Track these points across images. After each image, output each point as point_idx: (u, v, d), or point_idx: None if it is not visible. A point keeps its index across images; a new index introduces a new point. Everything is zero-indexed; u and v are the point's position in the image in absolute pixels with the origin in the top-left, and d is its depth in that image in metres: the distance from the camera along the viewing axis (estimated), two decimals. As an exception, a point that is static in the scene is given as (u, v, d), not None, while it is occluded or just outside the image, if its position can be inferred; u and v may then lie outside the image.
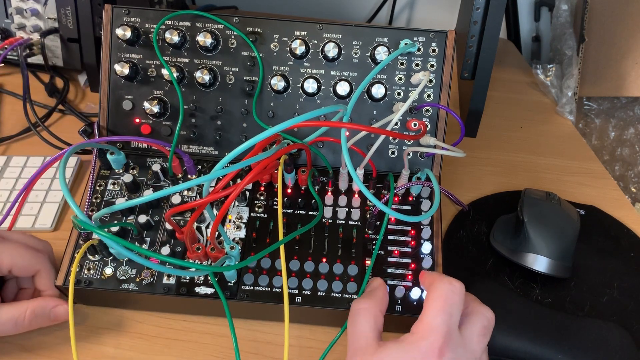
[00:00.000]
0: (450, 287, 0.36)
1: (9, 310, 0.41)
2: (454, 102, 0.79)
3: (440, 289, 0.36)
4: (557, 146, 0.73)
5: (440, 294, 0.36)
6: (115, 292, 0.45)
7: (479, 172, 0.67)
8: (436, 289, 0.36)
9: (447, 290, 0.36)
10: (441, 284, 0.36)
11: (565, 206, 0.55)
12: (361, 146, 0.51)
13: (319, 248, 0.47)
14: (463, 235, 0.57)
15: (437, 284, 0.36)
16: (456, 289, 0.36)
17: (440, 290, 0.36)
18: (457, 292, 0.36)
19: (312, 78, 0.51)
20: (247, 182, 0.39)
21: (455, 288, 0.36)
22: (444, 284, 0.36)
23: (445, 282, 0.36)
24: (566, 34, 0.87)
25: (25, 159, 0.61)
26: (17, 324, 0.41)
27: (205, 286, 0.45)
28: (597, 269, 0.54)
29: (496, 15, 0.63)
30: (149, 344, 0.46)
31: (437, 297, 0.36)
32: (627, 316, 0.50)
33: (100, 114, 0.52)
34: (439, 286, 0.36)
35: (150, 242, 0.47)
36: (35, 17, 0.69)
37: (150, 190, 0.50)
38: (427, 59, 0.52)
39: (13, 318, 0.41)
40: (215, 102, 0.52)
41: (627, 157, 0.86)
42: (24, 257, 0.43)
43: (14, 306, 0.42)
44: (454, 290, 0.36)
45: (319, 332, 0.47)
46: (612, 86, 0.83)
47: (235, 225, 0.48)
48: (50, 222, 0.55)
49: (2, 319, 0.41)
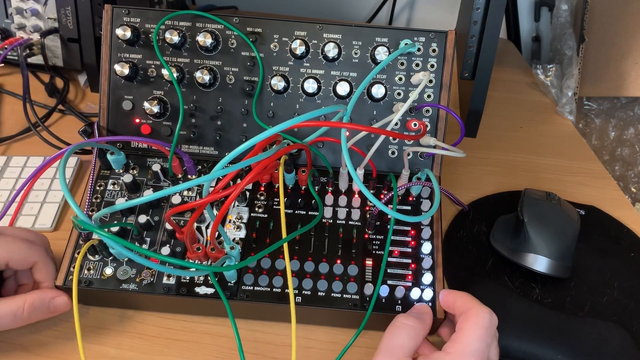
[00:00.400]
0: (491, 319, 0.38)
1: (7, 303, 0.41)
2: (454, 102, 0.79)
3: (482, 317, 0.38)
4: (557, 146, 0.73)
5: (482, 323, 0.37)
6: (115, 292, 0.45)
7: (479, 172, 0.67)
8: (478, 316, 0.38)
9: (488, 320, 0.38)
10: (484, 313, 0.38)
11: (565, 206, 0.55)
12: (361, 146, 0.51)
13: (319, 248, 0.47)
14: (463, 235, 0.57)
15: (478, 311, 0.38)
16: (494, 322, 0.38)
17: (482, 319, 0.38)
18: (494, 325, 0.38)
19: (312, 78, 0.51)
20: (247, 182, 0.39)
21: (493, 322, 0.38)
22: (486, 314, 0.38)
23: (487, 313, 0.38)
24: (566, 34, 0.87)
25: (25, 159, 0.61)
26: (16, 317, 0.41)
27: (205, 286, 0.45)
28: (597, 269, 0.54)
29: (496, 15, 0.63)
30: (149, 344, 0.46)
31: (479, 324, 0.37)
32: (627, 316, 0.50)
33: (100, 114, 0.52)
34: (482, 315, 0.38)
35: (150, 242, 0.47)
36: (35, 17, 0.69)
37: (150, 191, 0.50)
38: (427, 59, 0.52)
39: (12, 312, 0.41)
40: (215, 102, 0.52)
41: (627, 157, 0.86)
42: (21, 250, 0.42)
43: (12, 300, 0.41)
44: (493, 323, 0.38)
45: (319, 332, 0.47)
46: (612, 86, 0.83)
47: (235, 226, 0.48)
48: (50, 222, 0.55)
49: (1, 313, 0.41)
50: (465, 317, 0.38)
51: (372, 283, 0.45)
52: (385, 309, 0.44)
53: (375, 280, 0.45)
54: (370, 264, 0.46)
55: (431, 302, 0.45)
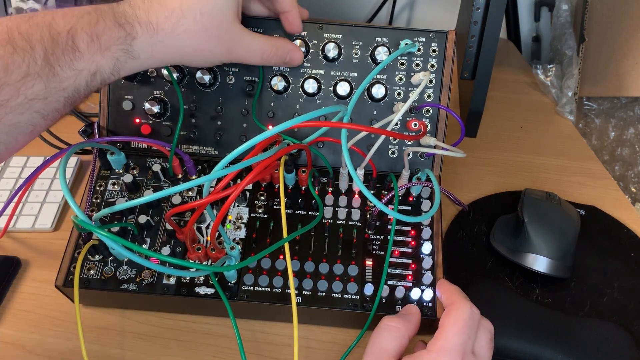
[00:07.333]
0: (471, 312, 0.38)
1: (260, 42, 0.45)
2: (454, 102, 0.79)
3: (462, 312, 0.38)
4: (557, 146, 0.73)
5: (461, 317, 0.37)
6: (115, 292, 0.45)
7: (479, 172, 0.67)
8: (457, 310, 0.38)
9: (468, 314, 0.38)
10: (464, 307, 0.38)
11: (565, 206, 0.55)
12: (361, 146, 0.51)
13: (319, 248, 0.47)
14: (463, 235, 0.57)
15: (458, 305, 0.38)
16: (475, 314, 0.38)
17: (462, 314, 0.37)
18: (476, 317, 0.38)
19: (312, 78, 0.51)
20: (248, 182, 0.39)
21: (475, 314, 0.38)
22: (466, 307, 0.38)
23: (467, 306, 0.38)
24: (566, 34, 0.87)
25: (25, 159, 0.61)
26: (263, 58, 0.46)
27: (205, 286, 0.45)
28: (597, 269, 0.54)
29: (496, 15, 0.63)
30: (149, 344, 0.46)
31: (458, 318, 0.37)
32: (627, 316, 0.50)
33: (100, 114, 0.52)
34: (461, 309, 0.38)
35: (150, 243, 0.47)
36: (35, 17, 0.69)
37: (150, 191, 0.50)
38: (428, 59, 0.52)
39: (262, 50, 0.45)
40: (215, 102, 0.52)
41: (627, 157, 0.86)
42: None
43: (266, 40, 0.46)
44: (474, 316, 0.38)
45: (319, 332, 0.47)
46: (612, 86, 0.83)
47: (236, 226, 0.48)
48: (50, 222, 0.55)
49: (253, 48, 0.45)
50: (446, 312, 0.39)
51: (372, 283, 0.45)
52: (385, 309, 0.44)
53: (375, 281, 0.45)
54: (371, 264, 0.46)
55: (431, 302, 0.45)
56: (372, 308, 0.44)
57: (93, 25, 0.36)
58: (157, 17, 0.39)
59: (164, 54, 0.40)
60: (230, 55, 0.44)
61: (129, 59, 0.39)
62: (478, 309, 0.39)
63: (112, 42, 0.37)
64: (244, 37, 0.44)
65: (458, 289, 0.42)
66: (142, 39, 0.38)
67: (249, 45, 0.44)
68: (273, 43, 0.46)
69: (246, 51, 0.44)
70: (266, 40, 0.46)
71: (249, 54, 0.45)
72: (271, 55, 0.46)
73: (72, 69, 0.36)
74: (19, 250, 0.53)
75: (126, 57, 0.38)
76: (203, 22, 0.40)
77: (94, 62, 0.37)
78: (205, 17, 0.40)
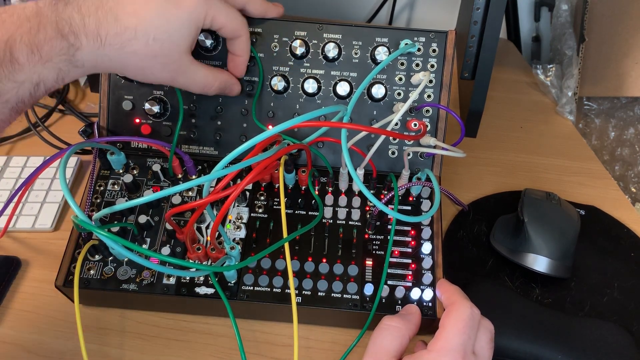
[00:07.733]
0: (472, 312, 0.38)
1: (205, 74, 0.46)
2: (454, 102, 0.79)
3: (462, 312, 0.38)
4: (557, 146, 0.73)
5: (462, 317, 0.37)
6: (115, 292, 0.45)
7: (479, 172, 0.67)
8: (458, 310, 0.38)
9: (469, 314, 0.38)
10: (464, 307, 0.38)
11: (565, 206, 0.55)
12: (361, 146, 0.51)
13: (319, 248, 0.47)
14: (463, 235, 0.57)
15: (458, 305, 0.38)
16: (476, 314, 0.38)
17: (462, 314, 0.37)
18: (476, 317, 0.38)
19: (312, 78, 0.51)
20: (248, 182, 0.39)
21: (475, 314, 0.38)
22: (466, 307, 0.38)
23: (467, 307, 0.38)
24: (566, 34, 0.87)
25: (25, 159, 0.61)
26: (204, 89, 0.47)
27: (205, 286, 0.45)
28: (597, 269, 0.54)
29: (496, 15, 0.63)
30: (149, 344, 0.46)
31: (458, 318, 0.37)
32: (627, 316, 0.50)
33: (100, 114, 0.52)
34: (462, 309, 0.38)
35: (150, 243, 0.47)
36: (35, 17, 0.69)
37: (151, 191, 0.50)
38: (427, 59, 0.52)
39: (204, 82, 0.46)
40: (215, 102, 0.52)
41: (627, 157, 0.86)
42: (236, 21, 0.45)
43: (210, 73, 0.46)
44: (474, 316, 0.38)
45: (319, 332, 0.47)
46: (612, 86, 0.83)
47: (236, 226, 0.48)
48: (50, 222, 0.55)
49: (197, 79, 0.45)
50: (447, 312, 0.39)
51: (372, 283, 0.45)
52: (385, 309, 0.44)
53: (375, 280, 0.45)
54: (371, 264, 0.46)
55: (431, 302, 0.45)
56: (372, 308, 0.44)
57: (33, 35, 0.35)
58: (108, 31, 0.38)
59: (107, 66, 0.40)
60: (172, 82, 0.45)
61: (73, 68, 0.38)
62: (478, 309, 0.39)
63: (54, 53, 0.36)
64: (190, 68, 0.44)
65: (458, 289, 0.42)
66: (86, 50, 0.37)
67: (193, 76, 0.45)
68: (217, 76, 0.47)
69: (189, 81, 0.45)
70: (210, 73, 0.46)
71: (192, 84, 0.46)
72: (212, 88, 0.47)
73: (13, 81, 0.35)
74: (19, 250, 0.53)
75: (69, 67, 0.37)
76: (154, 48, 0.39)
77: (36, 72, 0.36)
78: (157, 44, 0.39)
